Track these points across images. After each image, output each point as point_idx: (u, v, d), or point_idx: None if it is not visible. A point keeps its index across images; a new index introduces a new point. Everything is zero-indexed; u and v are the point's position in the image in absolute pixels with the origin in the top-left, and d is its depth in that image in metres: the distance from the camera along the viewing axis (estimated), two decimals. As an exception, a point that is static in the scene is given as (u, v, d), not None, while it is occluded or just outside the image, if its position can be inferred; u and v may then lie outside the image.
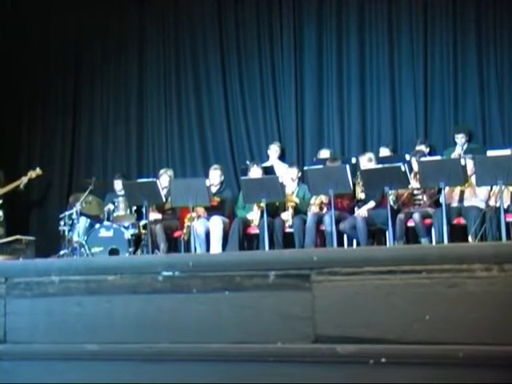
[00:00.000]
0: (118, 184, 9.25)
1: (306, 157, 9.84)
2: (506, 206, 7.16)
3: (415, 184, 7.65)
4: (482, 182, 7.14)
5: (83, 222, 8.87)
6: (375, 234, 8.03)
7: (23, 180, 9.90)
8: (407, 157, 8.26)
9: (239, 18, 10.42)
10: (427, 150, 8.76)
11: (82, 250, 8.57)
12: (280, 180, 7.86)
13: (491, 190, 7.48)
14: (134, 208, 8.76)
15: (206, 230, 8.25)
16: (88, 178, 9.61)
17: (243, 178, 8.37)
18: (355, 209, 8.02)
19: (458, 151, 8.57)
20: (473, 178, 7.22)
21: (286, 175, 8.46)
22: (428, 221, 7.52)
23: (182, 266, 2.23)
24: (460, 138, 8.71)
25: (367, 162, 8.08)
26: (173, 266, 2.23)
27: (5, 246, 9.16)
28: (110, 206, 8.86)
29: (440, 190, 7.26)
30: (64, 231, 8.85)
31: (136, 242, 8.64)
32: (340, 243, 7.66)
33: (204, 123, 10.49)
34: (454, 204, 7.66)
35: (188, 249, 8.15)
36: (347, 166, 7.53)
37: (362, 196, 7.97)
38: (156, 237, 8.38)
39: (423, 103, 9.41)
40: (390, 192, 7.45)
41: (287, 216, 8.15)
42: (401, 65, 9.61)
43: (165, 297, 2.23)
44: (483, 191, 7.54)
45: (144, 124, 10.79)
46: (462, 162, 7.17)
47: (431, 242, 7.37)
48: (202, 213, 8.34)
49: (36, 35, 11.02)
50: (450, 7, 9.40)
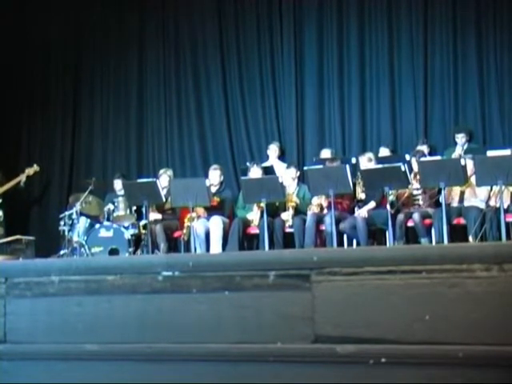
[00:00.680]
0: (118, 184, 9.25)
1: (306, 157, 9.84)
2: (505, 206, 7.16)
3: (415, 184, 7.65)
4: (482, 182, 7.14)
5: (83, 222, 8.87)
6: (375, 234, 8.03)
7: (22, 178, 9.90)
8: (407, 157, 8.26)
9: (239, 18, 10.42)
10: (428, 151, 8.76)
11: (82, 250, 8.57)
12: (280, 180, 7.86)
13: (491, 190, 7.48)
14: (134, 208, 8.76)
15: (206, 230, 8.25)
16: (88, 178, 9.61)
17: (243, 178, 8.37)
18: (355, 209, 8.02)
19: (458, 151, 8.57)
20: (473, 178, 7.22)
21: (286, 175, 8.46)
22: (428, 221, 7.52)
23: (181, 266, 2.23)
24: (460, 138, 8.71)
25: (367, 162, 8.08)
26: (173, 266, 2.23)
27: (5, 245, 9.16)
28: (110, 206, 8.86)
29: (440, 190, 7.26)
30: (64, 231, 8.85)
31: (136, 242, 8.64)
32: (340, 243, 7.66)
33: (204, 123, 10.49)
34: (454, 204, 7.66)
35: (188, 249, 8.14)
36: (347, 166, 7.52)
37: (363, 196, 7.97)
38: (156, 237, 8.38)
39: (423, 103, 9.42)
40: (390, 192, 7.45)
41: (287, 216, 8.15)
42: (401, 65, 9.61)
43: (165, 297, 2.23)
44: (483, 191, 7.54)
45: (144, 124, 10.79)
46: (462, 162, 7.17)
47: (431, 242, 7.37)
48: (201, 213, 8.34)
49: (36, 35, 11.02)
50: (449, 7, 9.41)
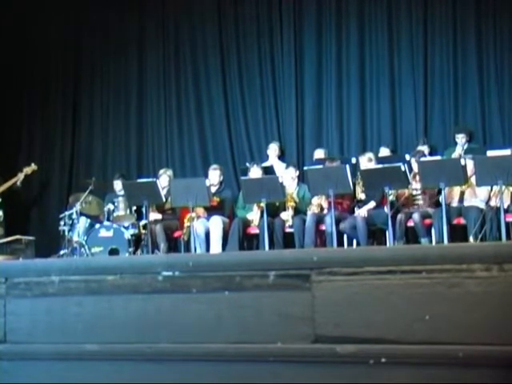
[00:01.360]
0: (118, 184, 9.25)
1: (305, 157, 9.84)
2: (506, 206, 7.16)
3: (415, 184, 7.65)
4: (482, 182, 7.14)
5: (83, 222, 8.87)
6: (375, 234, 8.03)
7: (19, 177, 9.90)
8: (407, 157, 8.27)
9: (239, 18, 10.42)
10: (428, 151, 8.76)
11: (82, 250, 8.57)
12: (280, 180, 7.86)
13: (491, 190, 7.48)
14: (134, 208, 8.76)
15: (206, 230, 8.25)
16: (88, 178, 9.61)
17: (243, 178, 8.37)
18: (355, 209, 8.02)
19: (458, 151, 8.57)
20: (473, 179, 7.22)
21: (286, 175, 8.46)
22: (428, 221, 7.52)
23: (181, 266, 2.23)
24: (460, 138, 8.71)
25: (367, 162, 8.08)
26: (173, 266, 2.23)
27: (5, 245, 9.16)
28: (110, 206, 8.86)
29: (440, 190, 7.26)
30: (64, 231, 8.85)
31: (136, 242, 8.64)
32: (340, 243, 7.66)
33: (204, 123, 10.49)
34: (454, 204, 7.66)
35: (188, 249, 8.15)
36: (347, 166, 7.52)
37: (363, 196, 7.97)
38: (156, 237, 8.38)
39: (423, 103, 9.42)
40: (390, 192, 7.45)
41: (287, 216, 8.15)
42: (400, 65, 9.61)
43: (165, 297, 2.23)
44: (483, 191, 7.54)
45: (144, 124, 10.79)
46: (462, 162, 7.17)
47: (431, 242, 7.37)
48: (201, 213, 8.34)
49: (36, 35, 11.02)
50: (449, 7, 9.41)
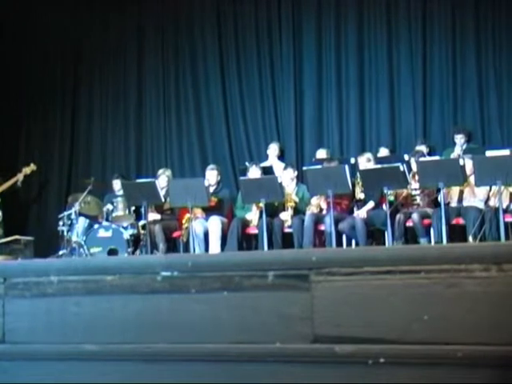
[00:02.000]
0: (117, 184, 9.26)
1: (305, 157, 9.84)
2: (504, 206, 7.17)
3: (414, 184, 7.65)
4: (480, 182, 7.15)
5: (82, 222, 8.87)
6: (374, 235, 8.03)
7: (19, 177, 9.91)
8: (406, 157, 8.27)
9: (238, 18, 10.43)
10: (427, 151, 8.77)
11: (81, 250, 8.57)
12: (279, 180, 7.86)
13: (490, 190, 7.49)
14: (133, 208, 8.76)
15: (205, 230, 8.25)
16: (87, 178, 9.61)
17: (242, 178, 8.37)
18: (354, 209, 8.02)
19: (457, 151, 8.58)
20: (472, 178, 7.23)
21: (285, 175, 8.47)
22: (427, 221, 7.52)
23: (180, 266, 2.23)
24: (459, 139, 8.72)
25: (366, 162, 8.08)
26: (171, 267, 2.23)
27: (3, 246, 9.16)
28: (109, 207, 8.86)
29: (439, 190, 7.26)
30: (63, 231, 8.85)
31: (135, 242, 8.64)
32: (339, 243, 7.66)
33: (203, 123, 10.49)
34: (453, 204, 7.67)
35: (187, 249, 8.15)
36: (346, 167, 7.52)
37: (362, 196, 7.97)
38: (155, 237, 8.38)
39: (422, 104, 9.43)
40: (389, 192, 7.45)
41: (286, 216, 8.15)
42: (399, 65, 9.62)
43: (163, 297, 2.23)
44: (482, 191, 7.55)
45: (143, 124, 10.79)
46: (461, 162, 7.18)
47: (430, 242, 7.38)
48: (199, 214, 8.33)
49: (36, 36, 11.01)
50: (448, 9, 9.42)
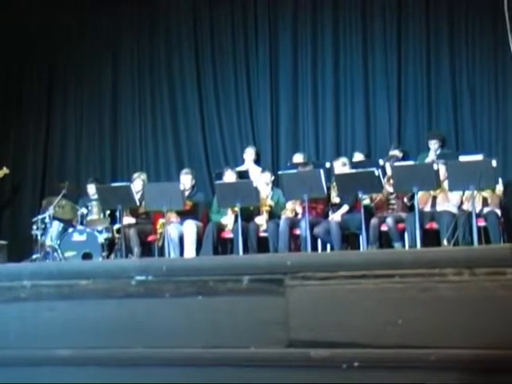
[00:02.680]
0: (92, 188, 9.19)
1: (280, 161, 9.86)
2: (477, 211, 7.23)
3: (388, 188, 7.70)
4: (454, 187, 7.21)
5: (56, 226, 8.79)
6: (349, 239, 8.07)
7: None
8: (381, 162, 8.32)
9: (214, 23, 10.42)
10: (401, 155, 8.84)
11: (55, 254, 8.50)
12: (254, 184, 7.86)
13: (463, 194, 7.56)
14: (108, 212, 8.71)
15: (180, 234, 8.23)
16: (61, 181, 9.53)
17: (218, 182, 8.36)
18: (329, 213, 8.05)
19: (431, 156, 8.65)
20: (445, 183, 7.29)
21: (261, 179, 8.47)
22: (402, 225, 7.57)
23: (155, 271, 2.22)
24: (433, 144, 8.79)
25: (341, 166, 8.11)
26: (146, 271, 2.22)
27: (-24, 250, 9.06)
28: (84, 210, 8.79)
29: (413, 195, 7.32)
30: (37, 235, 8.76)
31: (109, 246, 8.58)
32: (314, 248, 7.68)
33: (178, 127, 10.47)
34: (427, 209, 7.72)
35: (162, 253, 8.12)
36: (321, 171, 7.55)
37: (337, 200, 8.00)
38: (130, 241, 8.34)
39: (397, 109, 9.49)
40: (364, 197, 7.49)
41: (261, 220, 8.16)
42: (375, 71, 9.68)
43: (138, 301, 2.22)
44: (455, 196, 7.62)
45: (118, 128, 10.74)
46: (435, 167, 7.23)
47: (404, 246, 7.42)
48: (173, 218, 8.31)
49: (10, 38, 10.91)
50: (422, 15, 9.50)
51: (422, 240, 7.15)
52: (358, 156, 9.09)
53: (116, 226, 8.58)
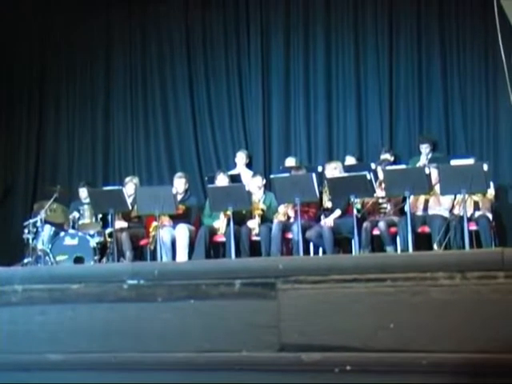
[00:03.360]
0: (84, 192, 9.17)
1: (272, 165, 9.86)
2: (469, 215, 7.25)
3: (380, 192, 7.71)
4: (445, 191, 7.23)
5: (48, 230, 8.76)
6: (341, 243, 8.07)
7: None
8: (373, 165, 8.33)
9: (206, 26, 10.42)
10: (392, 159, 8.86)
11: (47, 258, 8.46)
12: (246, 188, 7.86)
13: (455, 198, 7.58)
14: (100, 216, 8.68)
15: (172, 238, 8.22)
16: (53, 185, 9.50)
17: (210, 186, 8.36)
18: (322, 217, 8.05)
19: (422, 160, 8.67)
20: (437, 187, 7.31)
21: (253, 183, 8.47)
22: (393, 229, 7.58)
23: (147, 275, 2.22)
24: (425, 148, 8.81)
25: (333, 170, 8.12)
26: (138, 275, 2.22)
27: (-33, 254, 9.02)
28: (75, 214, 8.76)
29: (405, 199, 7.33)
30: (28, 239, 8.73)
31: (101, 250, 8.55)
32: (306, 252, 7.68)
33: (170, 131, 10.46)
34: (419, 213, 7.74)
35: (154, 257, 8.10)
36: (313, 175, 7.55)
37: (329, 204, 8.00)
38: (122, 245, 8.32)
39: (388, 113, 9.52)
40: (356, 201, 7.50)
41: (254, 224, 8.15)
42: (366, 75, 9.70)
43: (130, 305, 2.21)
44: (447, 200, 7.64)
45: (110, 131, 10.72)
46: (427, 170, 7.24)
47: (396, 250, 7.43)
48: (166, 221, 8.30)
49: (1, 39, 10.88)
50: (414, 20, 9.53)
51: (414, 244, 7.16)
52: (350, 160, 9.10)
53: (108, 230, 8.55)
